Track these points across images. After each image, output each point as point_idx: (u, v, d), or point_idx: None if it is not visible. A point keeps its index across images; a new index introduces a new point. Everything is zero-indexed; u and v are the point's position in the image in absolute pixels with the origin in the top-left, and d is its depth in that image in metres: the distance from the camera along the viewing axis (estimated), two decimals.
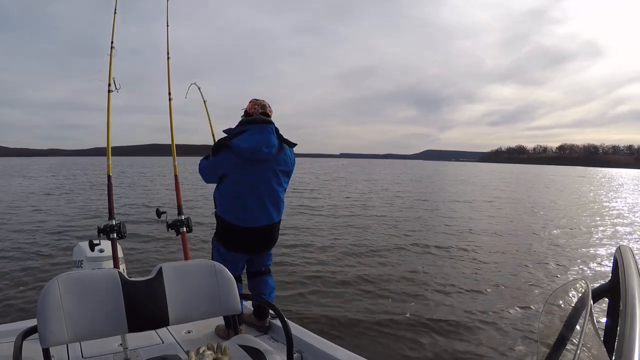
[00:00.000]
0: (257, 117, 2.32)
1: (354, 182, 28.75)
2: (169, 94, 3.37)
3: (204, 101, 3.72)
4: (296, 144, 2.40)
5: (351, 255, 7.07)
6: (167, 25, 3.51)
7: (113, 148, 2.94)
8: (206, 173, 2.39)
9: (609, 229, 10.99)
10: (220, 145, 2.28)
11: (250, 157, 2.22)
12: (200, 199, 14.49)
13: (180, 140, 3.43)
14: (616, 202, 19.81)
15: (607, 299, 0.78)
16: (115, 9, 3.12)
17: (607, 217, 13.48)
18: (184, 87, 3.72)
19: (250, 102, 2.42)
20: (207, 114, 3.69)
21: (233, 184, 2.29)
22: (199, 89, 3.70)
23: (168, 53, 3.45)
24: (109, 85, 2.93)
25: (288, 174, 2.41)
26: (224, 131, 2.34)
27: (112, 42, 3.01)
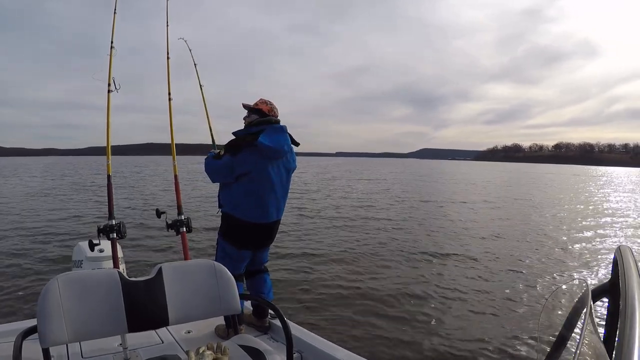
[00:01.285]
0: (271, 118, 2.38)
1: (353, 182, 28.74)
2: (169, 93, 3.36)
3: (196, 68, 3.49)
4: (299, 144, 2.46)
5: (352, 256, 7.07)
6: (167, 25, 3.50)
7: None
8: (218, 172, 2.38)
9: (611, 228, 10.99)
10: (241, 144, 2.28)
11: (273, 156, 2.29)
12: (200, 199, 14.48)
13: (177, 139, 3.41)
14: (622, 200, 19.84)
15: (607, 299, 0.78)
16: (115, 9, 3.12)
17: (610, 216, 13.49)
18: (183, 87, 3.68)
19: (260, 102, 2.42)
20: (200, 88, 3.49)
21: (251, 182, 2.30)
22: (189, 48, 3.50)
23: (168, 53, 3.44)
24: (109, 85, 2.92)
25: (293, 171, 2.50)
26: (233, 133, 2.37)
27: (111, 42, 3.01)
